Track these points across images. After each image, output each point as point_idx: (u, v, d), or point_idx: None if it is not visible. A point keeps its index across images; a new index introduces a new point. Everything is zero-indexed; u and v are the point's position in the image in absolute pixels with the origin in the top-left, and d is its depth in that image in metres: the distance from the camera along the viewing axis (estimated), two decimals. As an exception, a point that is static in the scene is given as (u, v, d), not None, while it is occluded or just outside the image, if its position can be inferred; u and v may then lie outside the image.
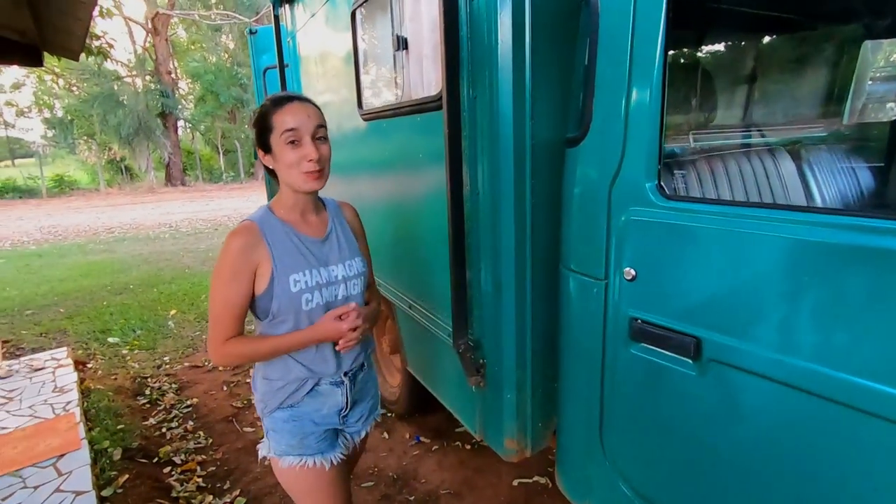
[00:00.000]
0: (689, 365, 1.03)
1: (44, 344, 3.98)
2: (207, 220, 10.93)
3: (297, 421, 1.22)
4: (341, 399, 1.26)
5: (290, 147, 1.10)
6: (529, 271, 1.41)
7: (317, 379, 1.22)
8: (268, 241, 1.12)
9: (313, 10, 2.63)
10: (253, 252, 1.10)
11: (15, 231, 10.42)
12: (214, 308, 1.12)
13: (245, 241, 1.10)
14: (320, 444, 1.25)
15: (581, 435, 1.37)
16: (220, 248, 4.66)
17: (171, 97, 19.75)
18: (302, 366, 1.20)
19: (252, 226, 1.12)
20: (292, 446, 1.22)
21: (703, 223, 0.99)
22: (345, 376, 1.26)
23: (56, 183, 18.45)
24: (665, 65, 1.01)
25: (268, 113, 1.11)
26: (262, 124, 1.12)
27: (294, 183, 1.13)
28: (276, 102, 1.11)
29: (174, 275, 6.14)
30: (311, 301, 1.15)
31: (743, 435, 0.98)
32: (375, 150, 2.10)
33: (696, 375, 1.02)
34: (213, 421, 2.82)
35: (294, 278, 1.13)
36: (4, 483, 2.09)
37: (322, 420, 1.25)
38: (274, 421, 1.23)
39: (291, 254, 1.14)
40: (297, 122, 1.09)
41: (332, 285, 1.19)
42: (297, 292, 1.13)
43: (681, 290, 1.03)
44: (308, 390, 1.21)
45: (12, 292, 5.59)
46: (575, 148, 1.24)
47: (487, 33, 1.30)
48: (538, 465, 2.29)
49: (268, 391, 1.22)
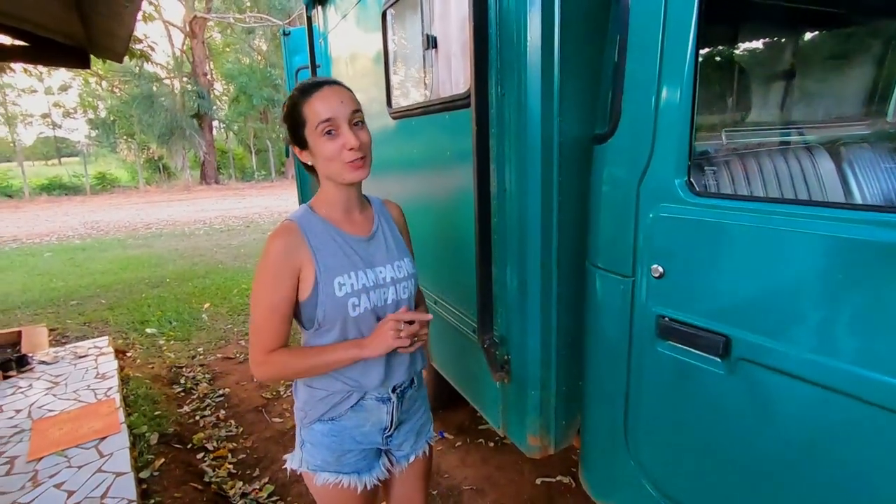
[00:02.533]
0: (717, 364, 1.01)
1: (87, 333, 4.18)
2: (239, 218, 11.24)
3: (336, 436, 1.12)
4: (386, 417, 1.15)
5: (328, 138, 1.00)
6: (555, 268, 1.41)
7: (362, 392, 1.11)
8: (310, 243, 1.02)
9: (345, 12, 2.69)
10: (295, 254, 1.01)
11: (61, 226, 10.95)
12: (257, 316, 1.03)
13: (286, 242, 1.01)
14: (358, 463, 1.16)
15: (606, 433, 1.36)
16: (251, 244, 4.83)
17: (207, 98, 20.38)
18: (344, 376, 1.10)
19: (292, 226, 1.03)
20: (329, 462, 1.13)
21: (735, 220, 0.98)
22: (392, 392, 1.15)
23: (98, 181, 19.30)
24: (696, 61, 1.00)
25: (297, 104, 1.01)
26: (293, 118, 1.02)
27: (337, 175, 1.03)
28: (304, 91, 1.01)
29: (208, 269, 6.35)
30: (357, 306, 1.04)
31: (773, 436, 0.96)
32: (404, 149, 2.13)
33: (725, 374, 1.00)
34: (243, 411, 2.91)
35: (339, 281, 1.03)
36: (51, 462, 2.21)
37: (363, 438, 1.15)
38: (313, 433, 1.13)
39: (335, 255, 1.04)
40: (332, 111, 0.99)
41: (380, 288, 1.08)
42: (342, 297, 1.03)
43: (710, 288, 1.02)
44: (352, 404, 1.11)
45: (59, 283, 5.88)
46: (603, 145, 1.23)
47: (516, 31, 1.31)
48: (561, 464, 2.28)
49: (309, 400, 1.12)
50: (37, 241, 9.14)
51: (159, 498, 2.06)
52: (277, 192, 17.26)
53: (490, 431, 2.56)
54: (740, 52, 1.71)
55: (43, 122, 31.24)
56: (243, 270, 6.25)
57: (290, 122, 1.03)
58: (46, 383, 3.00)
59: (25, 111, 30.93)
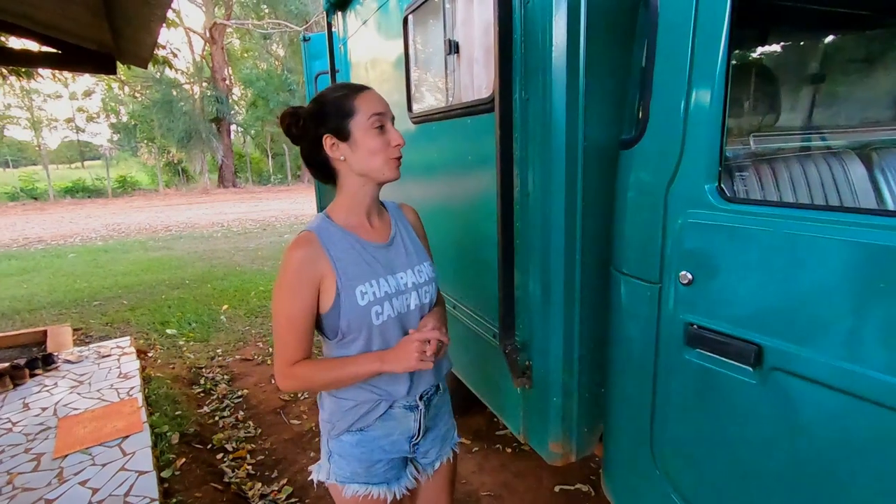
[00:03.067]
0: (748, 373, 0.99)
1: (109, 333, 4.27)
2: (256, 221, 11.39)
3: (366, 446, 1.11)
4: (413, 425, 1.15)
5: (377, 132, 1.01)
6: (579, 274, 1.40)
7: (391, 401, 1.10)
8: (329, 253, 1.01)
9: (365, 18, 2.71)
10: (315, 265, 1.00)
11: (84, 228, 11.21)
12: (278, 328, 1.02)
13: (305, 253, 1.00)
14: (387, 472, 1.14)
15: (630, 442, 1.34)
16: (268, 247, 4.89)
17: (225, 103, 20.75)
18: (371, 385, 1.09)
19: (311, 236, 1.02)
20: (358, 474, 1.11)
21: (767, 226, 0.96)
22: (419, 399, 1.14)
23: (120, 184, 19.75)
24: (728, 65, 0.99)
25: (346, 97, 1.01)
26: (340, 108, 1.01)
27: (377, 171, 1.03)
28: (354, 88, 1.03)
29: (226, 272, 6.44)
30: (381, 314, 1.04)
31: (807, 449, 0.94)
32: (424, 153, 2.14)
33: (757, 384, 0.98)
34: (262, 412, 2.94)
35: (361, 290, 1.02)
36: (76, 459, 2.25)
37: (391, 447, 1.14)
38: (341, 445, 1.12)
39: (356, 263, 1.03)
40: (383, 108, 1.03)
41: (402, 294, 1.08)
42: (365, 305, 1.02)
43: (741, 295, 1.00)
44: (381, 413, 1.10)
45: (82, 284, 6.02)
46: (629, 150, 1.22)
47: (542, 35, 1.31)
48: (580, 472, 2.26)
49: (336, 411, 1.11)
50: (61, 242, 9.37)
51: (181, 497, 2.08)
52: (293, 195, 17.46)
53: (507, 437, 2.54)
54: (769, 55, 1.68)
55: (67, 126, 32.10)
56: (260, 273, 6.32)
57: (335, 112, 1.01)
58: (71, 382, 3.06)
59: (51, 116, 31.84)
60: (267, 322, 4.49)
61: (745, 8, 1.00)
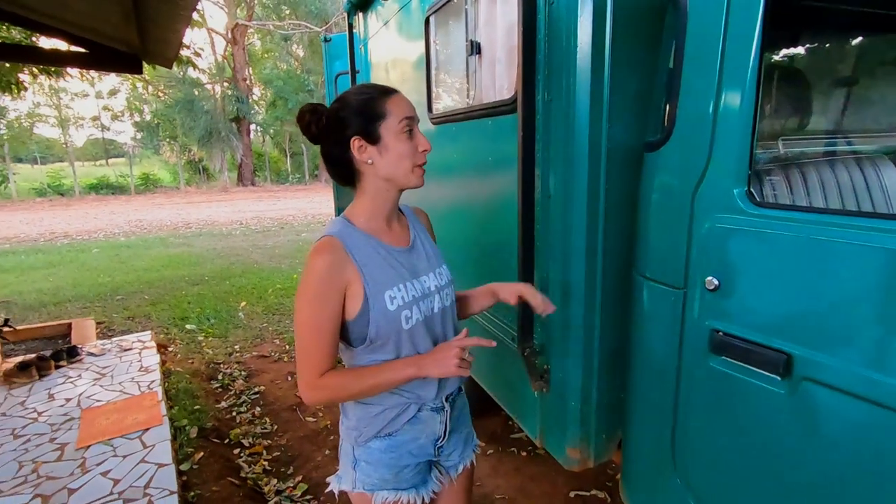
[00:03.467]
0: (777, 382, 0.97)
1: (131, 327, 4.36)
2: (274, 219, 11.53)
3: (395, 451, 1.09)
4: (440, 427, 1.13)
5: (407, 136, 0.99)
6: (600, 277, 1.38)
7: (420, 404, 1.08)
8: (355, 258, 0.98)
9: (386, 18, 2.72)
10: (341, 272, 0.96)
11: (108, 224, 11.48)
12: (304, 338, 0.97)
13: (331, 259, 0.96)
14: (415, 478, 1.13)
15: (650, 449, 1.32)
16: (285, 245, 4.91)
17: (246, 102, 21.06)
18: (400, 389, 1.06)
19: (335, 241, 0.98)
20: (387, 480, 1.09)
21: (799, 232, 0.94)
22: (445, 401, 1.13)
23: (142, 181, 20.19)
24: (760, 67, 0.96)
25: (376, 100, 0.99)
26: (370, 111, 0.98)
27: (403, 177, 1.01)
28: (383, 91, 1.01)
29: (244, 269, 6.52)
30: (410, 318, 1.02)
31: (838, 462, 0.91)
32: (444, 154, 2.14)
33: (786, 394, 0.96)
34: (278, 409, 2.97)
35: (390, 295, 1.00)
36: (98, 450, 2.30)
37: (419, 451, 1.12)
38: (370, 452, 1.08)
39: (382, 268, 1.01)
40: (413, 112, 1.01)
41: (427, 297, 1.06)
42: (395, 310, 1.00)
43: (770, 303, 0.98)
44: (410, 417, 1.08)
45: (105, 279, 6.16)
46: (655, 152, 1.20)
47: (566, 35, 1.30)
48: (596, 478, 2.23)
49: (364, 417, 1.08)
50: (86, 237, 9.61)
51: (198, 491, 2.11)
52: (311, 194, 17.64)
53: (523, 441, 2.53)
54: (799, 57, 1.64)
55: (93, 124, 32.96)
56: (278, 271, 6.40)
57: (365, 115, 0.98)
58: (94, 374, 3.13)
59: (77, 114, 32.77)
60: (284, 320, 4.54)
61: (778, 9, 0.97)
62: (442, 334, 1.11)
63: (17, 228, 10.93)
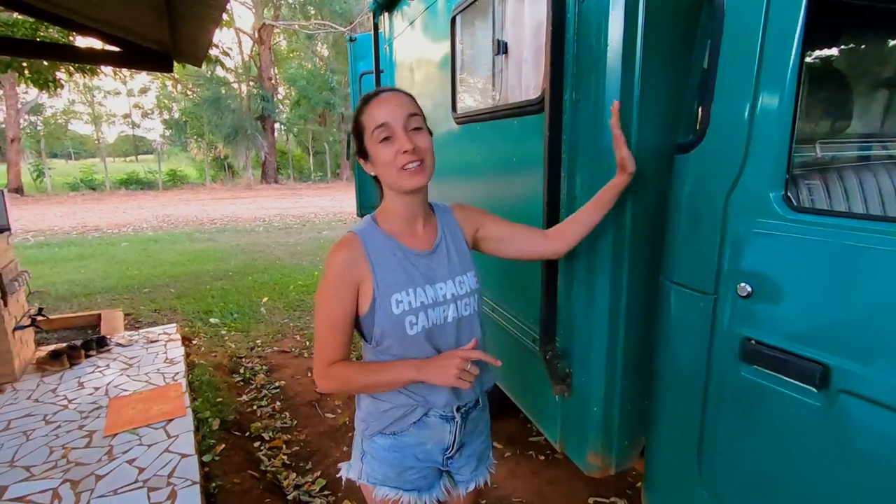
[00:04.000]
0: (812, 394, 0.93)
1: (157, 319, 4.47)
2: (296, 217, 11.68)
3: (398, 452, 1.10)
4: (449, 437, 1.12)
5: (384, 144, 0.98)
6: (626, 281, 1.36)
7: (427, 408, 1.08)
8: (369, 257, 1.00)
9: (412, 18, 2.73)
10: (355, 268, 0.99)
11: (136, 218, 11.80)
12: (319, 329, 1.02)
13: (347, 255, 0.99)
14: (419, 481, 1.13)
15: (675, 457, 1.29)
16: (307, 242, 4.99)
17: (271, 101, 21.41)
18: (409, 390, 1.07)
19: (354, 238, 1.01)
20: (389, 478, 1.11)
21: (838, 238, 0.90)
22: (457, 412, 1.11)
23: (170, 177, 20.71)
24: (801, 67, 0.93)
25: (359, 114, 1.02)
26: (356, 128, 1.03)
27: (394, 182, 1.00)
28: (364, 101, 1.02)
29: (266, 265, 6.63)
30: (415, 324, 1.01)
31: (876, 478, 0.87)
32: (467, 153, 2.13)
33: (822, 406, 0.92)
34: (297, 404, 3.00)
35: (396, 298, 1.00)
36: (125, 438, 2.36)
37: (425, 456, 1.12)
38: (374, 447, 1.11)
39: (395, 271, 1.01)
40: (387, 116, 0.97)
41: (439, 306, 1.04)
42: (399, 314, 1.00)
43: (807, 311, 0.94)
44: (416, 419, 1.08)
45: (133, 271, 6.33)
46: (686, 154, 1.17)
47: (596, 34, 1.28)
48: (616, 485, 2.19)
49: (373, 412, 1.09)
50: (115, 231, 9.90)
51: (220, 482, 2.15)
52: (332, 193, 17.83)
53: (540, 445, 2.50)
54: (838, 57, 1.58)
55: (124, 121, 33.99)
56: (299, 268, 6.48)
57: (355, 133, 1.03)
58: (121, 364, 3.22)
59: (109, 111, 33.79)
60: (304, 316, 4.59)
61: (821, 7, 0.94)
62: (454, 346, 1.07)
63: (52, 221, 11.32)
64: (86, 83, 23.50)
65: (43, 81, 5.33)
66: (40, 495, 1.99)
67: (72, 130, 32.57)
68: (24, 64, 5.07)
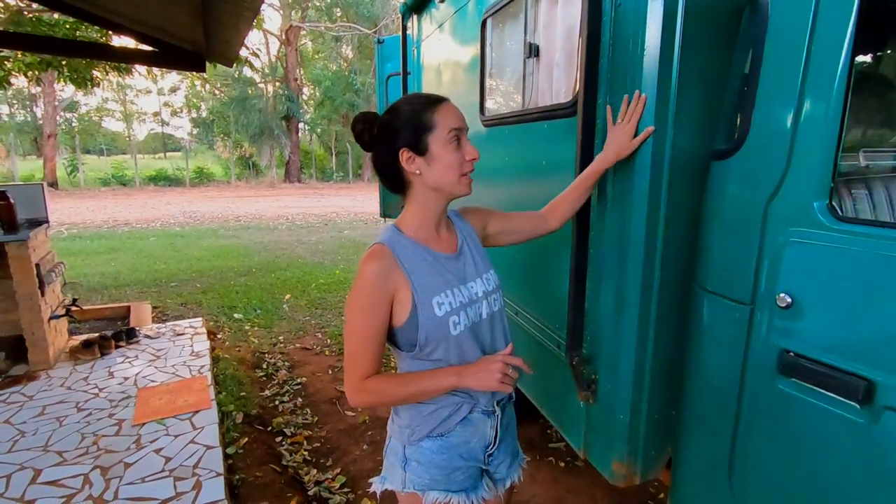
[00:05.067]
0: (855, 410, 0.90)
1: (183, 313, 4.57)
2: (318, 216, 11.82)
3: (446, 453, 1.09)
4: (490, 432, 1.13)
5: (455, 146, 1.01)
6: (657, 288, 1.33)
7: (472, 405, 1.09)
8: (403, 265, 1.00)
9: (441, 21, 2.74)
10: (389, 278, 0.99)
11: (164, 214, 12.10)
12: (352, 343, 1.01)
13: (380, 266, 0.99)
14: (466, 481, 1.12)
15: (705, 470, 1.26)
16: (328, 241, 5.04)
17: (296, 102, 21.73)
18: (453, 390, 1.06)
19: (384, 249, 1.01)
20: (437, 481, 1.09)
21: (885, 250, 0.87)
22: (497, 405, 1.13)
23: (197, 174, 21.18)
24: (850, 72, 0.91)
25: (424, 111, 1.00)
26: (418, 122, 1.00)
27: (451, 186, 1.03)
28: (431, 101, 1.02)
29: (289, 263, 6.72)
30: (458, 324, 1.03)
31: (923, 501, 0.84)
32: (495, 156, 2.13)
33: (865, 423, 0.89)
34: (318, 401, 3.03)
35: (437, 301, 1.01)
36: (152, 428, 2.42)
37: (469, 455, 1.12)
38: (421, 451, 1.09)
39: (430, 275, 1.03)
40: (460, 123, 1.02)
41: (474, 304, 1.07)
42: (443, 316, 1.01)
43: (850, 324, 0.92)
44: (462, 417, 1.08)
45: (161, 266, 6.49)
46: (724, 161, 1.15)
47: (633, 38, 1.26)
48: (638, 496, 2.16)
49: (416, 416, 1.08)
50: (144, 226, 10.17)
51: (243, 475, 2.19)
52: (353, 193, 17.99)
53: (561, 451, 2.48)
54: (885, 61, 1.53)
55: (154, 119, 34.91)
56: (321, 266, 6.56)
57: (413, 126, 1.00)
58: (149, 356, 3.30)
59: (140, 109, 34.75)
60: (325, 314, 4.64)
61: (872, 11, 0.91)
62: (490, 341, 1.11)
63: (84, 215, 11.70)
64: (119, 82, 24.22)
65: (81, 80, 5.51)
66: (72, 480, 2.05)
67: (104, 127, 33.62)
68: (63, 63, 5.25)
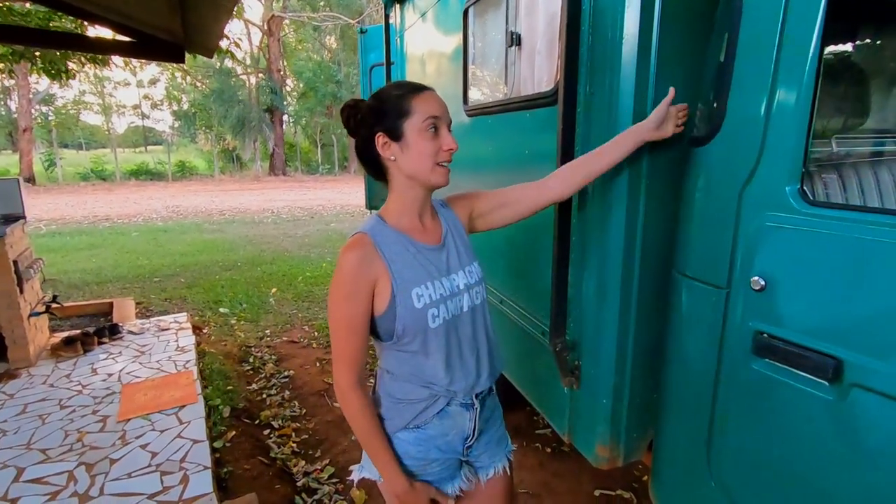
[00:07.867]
0: (825, 388, 0.94)
1: (168, 308, 4.52)
2: (304, 209, 11.73)
3: (422, 445, 1.09)
4: (469, 425, 1.13)
5: (430, 135, 1.00)
6: (637, 273, 1.36)
7: (449, 398, 1.09)
8: (384, 254, 1.00)
9: (423, 10, 2.72)
10: (370, 267, 0.98)
11: (146, 208, 11.90)
12: (338, 333, 1.00)
13: (360, 254, 0.98)
14: (442, 472, 1.13)
15: (684, 451, 1.30)
16: (315, 234, 5.02)
17: (279, 93, 21.42)
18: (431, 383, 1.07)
19: (364, 238, 1.01)
20: (412, 473, 1.10)
21: (854, 233, 0.90)
22: (476, 398, 1.13)
23: (179, 168, 20.84)
24: (820, 60, 0.93)
25: (405, 97, 1.00)
26: (396, 108, 0.99)
27: (424, 175, 1.02)
28: (414, 88, 1.02)
29: (274, 256, 6.67)
30: (437, 317, 1.02)
31: (887, 472, 0.87)
32: (478, 146, 2.13)
33: (834, 400, 0.92)
34: (306, 393, 3.04)
35: (416, 292, 1.00)
36: (137, 424, 2.41)
37: (447, 447, 1.12)
38: (397, 443, 1.09)
39: (411, 266, 1.02)
40: (440, 111, 1.01)
41: (455, 296, 1.06)
42: (421, 308, 1.00)
43: (821, 305, 0.95)
44: (438, 410, 1.08)
45: (144, 261, 6.40)
46: (701, 148, 1.17)
47: (611, 27, 1.27)
48: (623, 478, 2.21)
49: (391, 407, 1.09)
50: (126, 221, 9.99)
51: (231, 468, 2.19)
52: (339, 185, 17.86)
53: (546, 436, 2.52)
54: (856, 52, 1.56)
55: (133, 112, 34.17)
56: (307, 259, 6.52)
57: (391, 111, 1.00)
58: (133, 352, 3.27)
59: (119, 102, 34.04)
60: (312, 307, 4.63)
61: (841, 1, 0.93)
62: (471, 334, 1.10)
63: (63, 211, 11.45)
64: (96, 74, 23.62)
65: (55, 71, 5.37)
66: (56, 477, 2.03)
67: (82, 121, 32.78)
68: (36, 54, 5.11)
